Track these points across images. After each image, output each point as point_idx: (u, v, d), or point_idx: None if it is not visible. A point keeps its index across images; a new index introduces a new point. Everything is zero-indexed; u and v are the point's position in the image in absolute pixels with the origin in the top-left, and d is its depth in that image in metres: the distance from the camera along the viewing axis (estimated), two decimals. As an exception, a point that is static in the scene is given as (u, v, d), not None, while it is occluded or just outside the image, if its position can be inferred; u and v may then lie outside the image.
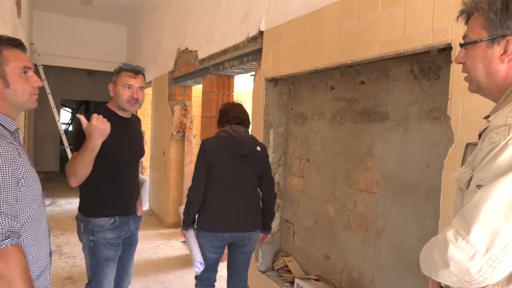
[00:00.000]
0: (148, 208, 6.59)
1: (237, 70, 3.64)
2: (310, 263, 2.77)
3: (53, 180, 8.82)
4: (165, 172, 5.56)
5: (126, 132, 2.14)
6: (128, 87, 2.06)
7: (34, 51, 6.80)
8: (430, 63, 1.96)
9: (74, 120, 10.13)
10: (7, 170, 1.11)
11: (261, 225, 2.38)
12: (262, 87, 3.00)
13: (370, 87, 2.32)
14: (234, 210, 2.23)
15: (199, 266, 2.20)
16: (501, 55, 0.92)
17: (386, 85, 2.21)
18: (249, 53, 3.24)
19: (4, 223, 1.08)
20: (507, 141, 0.82)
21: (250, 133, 2.49)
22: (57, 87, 9.45)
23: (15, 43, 1.26)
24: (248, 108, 5.72)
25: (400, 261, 2.10)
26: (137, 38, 7.56)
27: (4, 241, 1.07)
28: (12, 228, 1.10)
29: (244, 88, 5.79)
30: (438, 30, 1.66)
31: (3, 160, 1.10)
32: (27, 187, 1.20)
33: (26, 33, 6.07)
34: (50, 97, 6.54)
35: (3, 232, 1.07)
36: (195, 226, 2.34)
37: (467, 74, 1.02)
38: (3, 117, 1.22)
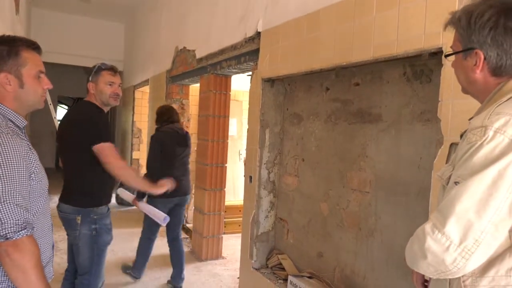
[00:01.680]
0: (144, 205, 6.61)
1: (234, 70, 3.68)
2: (304, 261, 2.82)
3: (48, 177, 8.80)
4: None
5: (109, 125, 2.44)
6: (110, 84, 2.28)
7: (32, 48, 6.80)
8: (423, 66, 2.01)
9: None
10: (21, 165, 1.16)
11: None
12: (258, 87, 3.04)
13: (364, 89, 2.36)
14: (180, 182, 2.77)
15: (167, 220, 2.78)
16: (474, 65, 1.01)
17: (380, 87, 2.26)
18: (246, 53, 3.28)
19: (20, 215, 1.12)
20: (482, 142, 0.88)
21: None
22: (54, 84, 9.37)
23: (34, 46, 1.32)
24: (245, 107, 5.75)
25: (391, 259, 2.15)
26: (135, 36, 7.57)
27: (20, 232, 1.11)
28: (27, 219, 1.15)
29: (241, 88, 5.82)
30: (430, 35, 1.71)
31: (18, 155, 1.15)
32: (37, 181, 1.25)
33: (24, 30, 6.07)
34: (47, 93, 6.54)
35: (19, 223, 1.11)
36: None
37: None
38: (13, 114, 1.27)
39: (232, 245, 4.53)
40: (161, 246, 4.57)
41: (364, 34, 2.06)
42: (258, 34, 3.07)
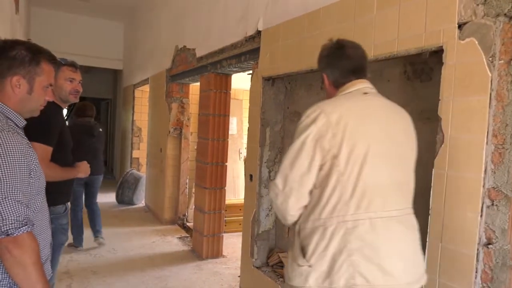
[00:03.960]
0: (144, 204, 6.63)
1: (234, 69, 3.69)
2: (304, 259, 2.82)
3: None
4: (161, 169, 5.59)
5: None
6: (71, 81, 2.24)
7: (31, 47, 6.79)
8: (423, 65, 2.01)
9: (70, 116, 10.14)
10: (22, 162, 1.18)
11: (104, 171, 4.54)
12: (259, 85, 3.04)
13: (364, 87, 2.36)
14: (91, 164, 2.87)
15: None
16: (322, 83, 1.68)
17: (380, 86, 2.25)
18: (246, 52, 3.29)
19: (21, 211, 1.14)
20: (299, 122, 1.39)
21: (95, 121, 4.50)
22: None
23: (54, 61, 1.40)
24: (245, 106, 5.75)
25: (391, 257, 2.16)
26: (135, 35, 7.57)
27: (21, 228, 1.13)
28: (27, 216, 1.16)
29: (241, 86, 5.82)
30: (430, 33, 1.71)
31: (19, 152, 1.18)
32: (36, 179, 1.26)
33: (24, 29, 6.07)
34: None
35: (20, 219, 1.13)
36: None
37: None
38: (14, 114, 1.31)
39: (232, 243, 4.53)
40: (161, 245, 4.58)
41: (365, 33, 2.06)
42: (259, 33, 3.08)
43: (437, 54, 1.75)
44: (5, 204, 1.11)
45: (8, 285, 1.18)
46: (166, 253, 4.31)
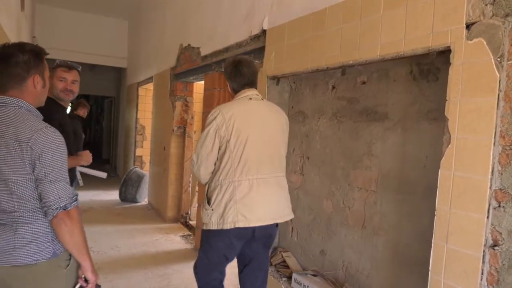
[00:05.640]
0: (147, 202, 6.64)
1: (239, 68, 3.68)
2: (308, 259, 2.82)
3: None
4: (165, 167, 5.60)
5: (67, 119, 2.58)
6: (61, 80, 2.42)
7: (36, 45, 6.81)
8: (429, 65, 2.00)
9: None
10: (64, 150, 1.43)
11: None
12: (264, 85, 3.04)
13: (370, 87, 2.36)
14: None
15: (105, 174, 3.18)
16: (227, 87, 2.27)
17: (386, 86, 2.26)
18: (251, 51, 3.28)
19: (70, 190, 1.41)
20: (208, 117, 2.05)
21: None
22: (57, 81, 9.44)
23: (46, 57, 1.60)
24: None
25: (396, 257, 2.15)
26: (139, 33, 7.57)
27: (72, 204, 1.40)
28: (74, 193, 1.43)
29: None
30: (438, 33, 1.70)
31: (62, 143, 1.42)
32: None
33: (29, 26, 6.09)
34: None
35: (71, 196, 1.40)
36: None
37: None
38: (36, 111, 1.49)
39: (235, 242, 4.53)
40: (164, 243, 4.59)
41: (371, 33, 2.06)
42: (264, 32, 3.07)
43: (444, 54, 1.74)
44: (59, 186, 1.38)
45: (53, 251, 1.42)
46: (169, 251, 4.31)
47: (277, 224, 2.13)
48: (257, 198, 1.98)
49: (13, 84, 1.41)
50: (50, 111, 2.22)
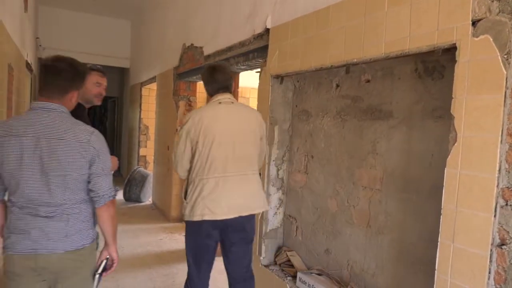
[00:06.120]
0: (151, 202, 6.65)
1: (242, 67, 3.67)
2: (312, 258, 2.82)
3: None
4: (168, 167, 5.60)
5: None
6: (98, 85, 2.48)
7: (40, 45, 6.84)
8: (435, 63, 1.99)
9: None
10: (107, 150, 1.71)
11: None
12: (267, 84, 3.03)
13: (375, 85, 2.35)
14: None
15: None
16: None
17: (391, 84, 2.24)
18: (254, 50, 3.27)
19: (111, 181, 1.70)
20: (183, 122, 2.29)
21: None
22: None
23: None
24: (252, 104, 5.74)
25: (401, 257, 2.14)
26: (142, 33, 7.58)
27: (115, 193, 1.71)
28: (114, 185, 1.72)
29: (248, 85, 5.81)
30: (443, 30, 1.69)
31: (106, 144, 1.71)
32: None
33: (32, 27, 6.10)
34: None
35: (112, 187, 1.69)
36: None
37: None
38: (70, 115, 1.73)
39: (239, 241, 4.53)
40: (168, 242, 4.60)
41: (375, 30, 2.04)
42: (267, 30, 3.06)
43: (450, 51, 1.73)
44: (110, 179, 1.69)
45: (92, 236, 1.71)
46: (173, 251, 4.32)
47: (253, 218, 2.37)
48: (222, 194, 2.19)
49: (57, 95, 1.62)
50: (80, 115, 2.26)
